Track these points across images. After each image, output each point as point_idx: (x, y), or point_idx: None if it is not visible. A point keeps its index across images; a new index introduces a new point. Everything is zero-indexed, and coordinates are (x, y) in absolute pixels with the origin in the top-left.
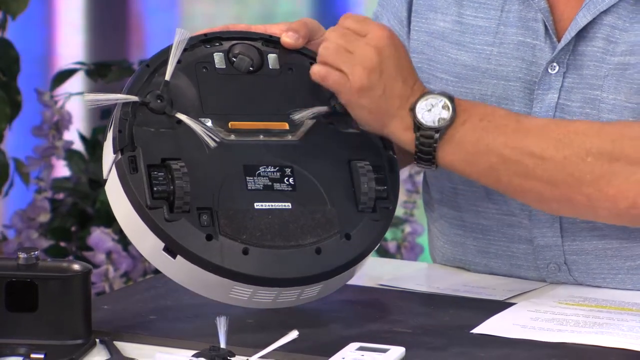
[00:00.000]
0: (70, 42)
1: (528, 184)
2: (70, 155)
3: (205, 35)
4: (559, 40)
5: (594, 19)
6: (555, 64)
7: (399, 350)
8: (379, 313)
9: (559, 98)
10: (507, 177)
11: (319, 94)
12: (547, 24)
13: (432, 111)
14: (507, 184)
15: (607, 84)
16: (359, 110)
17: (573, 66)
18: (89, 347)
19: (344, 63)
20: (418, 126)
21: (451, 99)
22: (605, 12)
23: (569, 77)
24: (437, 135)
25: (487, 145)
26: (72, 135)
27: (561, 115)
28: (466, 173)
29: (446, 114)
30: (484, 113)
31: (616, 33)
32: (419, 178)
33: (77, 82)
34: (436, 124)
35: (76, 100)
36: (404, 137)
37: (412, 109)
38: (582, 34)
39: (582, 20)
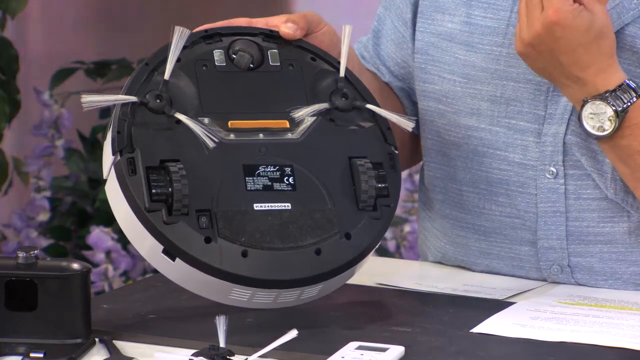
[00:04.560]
0: (70, 41)
1: None
2: (70, 154)
3: (205, 31)
4: None
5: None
6: None
7: (399, 350)
8: (378, 312)
9: None
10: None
11: (320, 90)
12: None
13: (595, 118)
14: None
15: None
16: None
17: None
18: (88, 346)
19: (520, 17)
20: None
21: (622, 112)
22: (628, 22)
23: None
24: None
25: (630, 164)
26: (72, 135)
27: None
28: (613, 163)
29: (608, 126)
30: None
31: (637, 43)
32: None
33: (77, 82)
34: (594, 132)
35: (75, 99)
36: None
37: (582, 104)
38: None
39: None
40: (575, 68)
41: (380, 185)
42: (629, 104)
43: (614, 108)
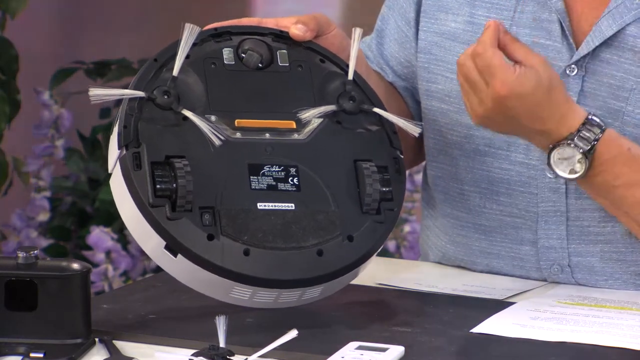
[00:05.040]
0: (70, 41)
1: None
2: (70, 154)
3: (215, 29)
4: (576, 42)
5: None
6: (574, 66)
7: (399, 350)
8: (378, 312)
9: (577, 102)
10: (626, 220)
11: (328, 92)
12: (563, 25)
13: (565, 162)
14: (626, 223)
15: (634, 97)
16: None
17: (593, 71)
18: (88, 346)
19: (466, 95)
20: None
21: (589, 152)
22: (630, 22)
23: (588, 81)
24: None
25: (612, 200)
26: (72, 135)
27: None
28: (593, 198)
29: (579, 168)
30: (619, 173)
31: (638, 43)
32: (419, 177)
33: (77, 82)
34: (567, 175)
35: (76, 99)
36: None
37: (549, 152)
38: (605, 42)
39: (607, 30)
40: (537, 124)
41: (384, 189)
42: (595, 142)
43: (581, 150)
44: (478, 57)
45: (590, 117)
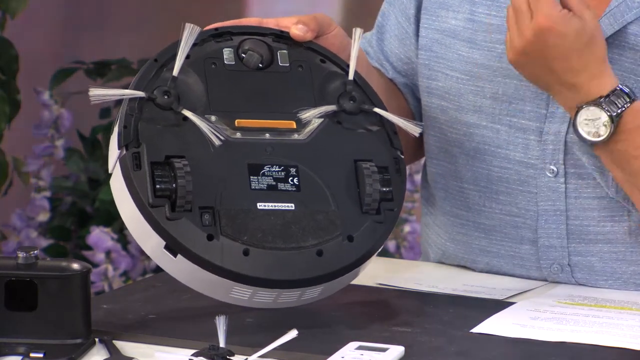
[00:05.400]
0: (70, 41)
1: None
2: (70, 154)
3: (215, 29)
4: None
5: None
6: None
7: (399, 350)
8: (378, 312)
9: None
10: (635, 193)
11: (328, 92)
12: None
13: (590, 124)
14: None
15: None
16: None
17: None
18: (88, 346)
19: (509, 25)
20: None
21: (616, 116)
22: (631, 21)
23: None
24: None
25: (629, 172)
26: (72, 135)
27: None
28: (608, 168)
29: (604, 132)
30: None
31: None
32: (419, 177)
33: (77, 82)
34: (590, 138)
35: (76, 99)
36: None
37: (576, 111)
38: (606, 41)
39: (608, 29)
40: (568, 74)
41: (384, 189)
42: (624, 108)
43: (608, 113)
44: None
45: (620, 86)
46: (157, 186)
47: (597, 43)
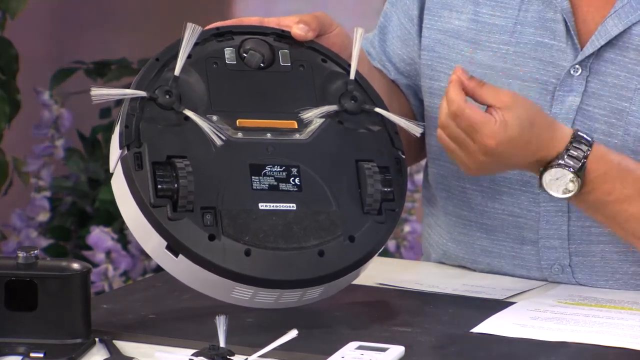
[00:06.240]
0: (70, 41)
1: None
2: (70, 154)
3: (217, 29)
4: (580, 42)
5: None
6: (578, 66)
7: (399, 350)
8: (378, 312)
9: (581, 102)
10: (622, 234)
11: (330, 92)
12: (569, 24)
13: (557, 183)
14: (623, 237)
15: (638, 97)
16: None
17: (597, 71)
18: (88, 346)
19: (452, 154)
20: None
21: (580, 169)
22: (635, 22)
23: (592, 81)
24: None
25: (607, 216)
26: (72, 135)
27: (582, 119)
28: (586, 213)
29: (573, 187)
30: (611, 189)
31: None
32: (419, 177)
33: (77, 82)
34: (560, 195)
35: (76, 99)
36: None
37: (539, 175)
38: (610, 41)
39: (613, 30)
40: (528, 158)
41: (386, 189)
42: (585, 159)
43: (572, 170)
44: (457, 118)
45: (577, 132)
46: (159, 186)
47: (537, 116)
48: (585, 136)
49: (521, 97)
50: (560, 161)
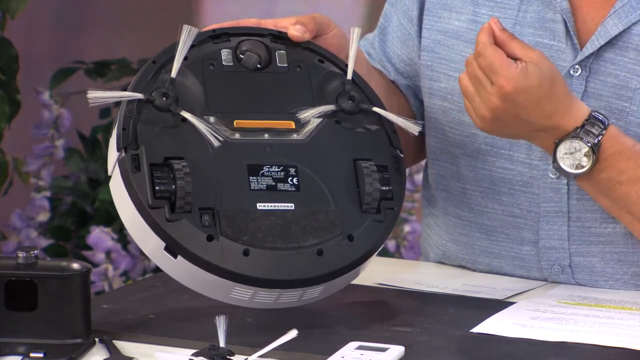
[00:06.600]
0: (70, 41)
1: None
2: (70, 154)
3: (213, 31)
4: (580, 42)
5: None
6: (577, 66)
7: (399, 350)
8: (378, 312)
9: None
10: (628, 219)
11: (327, 92)
12: (568, 25)
13: (571, 157)
14: (628, 222)
15: (638, 97)
16: None
17: (596, 71)
18: (88, 346)
19: (470, 98)
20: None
21: (596, 145)
22: (635, 22)
23: (592, 81)
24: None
25: (615, 198)
26: (72, 135)
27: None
28: (594, 198)
29: (586, 162)
30: (625, 168)
31: None
32: (419, 177)
33: (77, 82)
34: (573, 171)
35: (76, 99)
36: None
37: (554, 147)
38: (610, 41)
39: (613, 29)
40: (543, 120)
41: (384, 188)
42: (600, 136)
43: (588, 144)
44: (480, 57)
45: (593, 112)
46: (157, 188)
47: (557, 79)
48: (601, 116)
49: (549, 60)
50: (576, 135)
